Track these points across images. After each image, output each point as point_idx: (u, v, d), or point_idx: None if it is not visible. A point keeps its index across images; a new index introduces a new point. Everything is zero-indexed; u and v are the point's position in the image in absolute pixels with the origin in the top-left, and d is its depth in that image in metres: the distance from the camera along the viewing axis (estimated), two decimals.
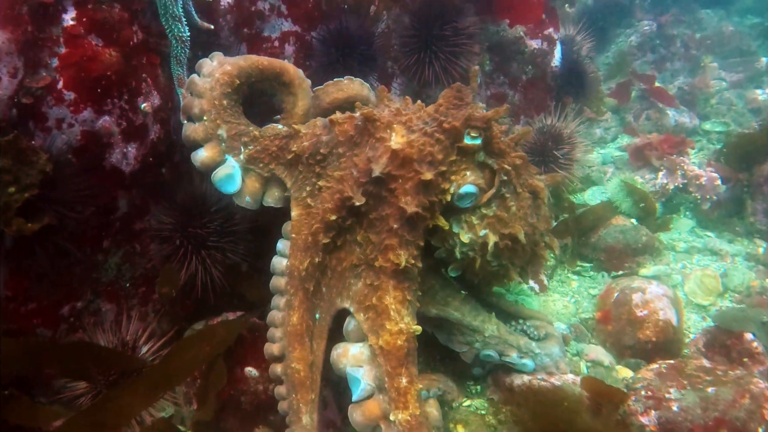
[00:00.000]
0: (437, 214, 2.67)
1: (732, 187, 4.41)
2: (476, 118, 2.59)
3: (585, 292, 3.87)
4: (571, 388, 3.04)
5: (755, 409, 2.89)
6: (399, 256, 2.58)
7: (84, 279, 2.87)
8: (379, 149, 2.61)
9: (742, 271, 3.97)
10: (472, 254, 2.74)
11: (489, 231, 2.69)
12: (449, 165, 2.62)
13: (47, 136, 2.58)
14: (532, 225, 2.78)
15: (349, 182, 2.63)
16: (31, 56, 2.53)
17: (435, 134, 2.59)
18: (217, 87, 2.83)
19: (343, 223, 2.67)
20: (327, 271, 2.74)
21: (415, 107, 2.78)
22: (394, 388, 2.45)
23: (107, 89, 2.64)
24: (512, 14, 3.85)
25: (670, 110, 5.26)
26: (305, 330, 2.66)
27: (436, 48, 3.68)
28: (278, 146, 2.84)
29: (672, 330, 3.41)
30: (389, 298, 2.59)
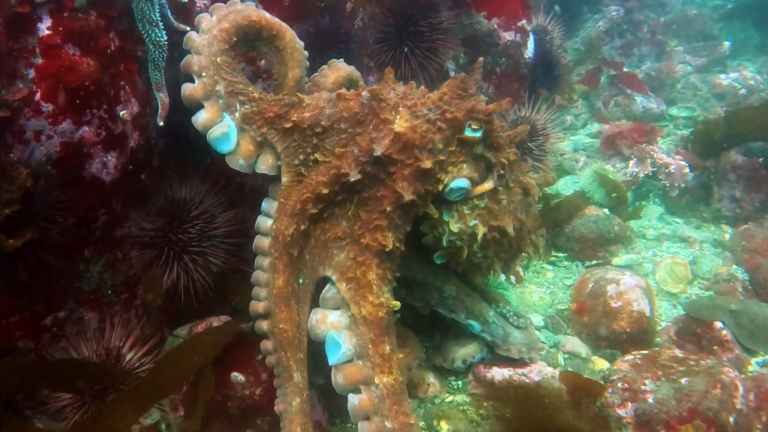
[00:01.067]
0: (428, 202, 2.70)
1: (699, 175, 4.52)
2: (479, 111, 2.60)
3: (560, 283, 3.95)
4: (550, 383, 3.13)
5: (726, 399, 3.01)
6: (387, 238, 2.62)
7: (66, 289, 2.84)
8: (383, 130, 2.61)
9: (710, 258, 4.09)
10: (460, 243, 2.77)
11: (479, 222, 2.72)
12: (448, 155, 2.64)
13: (25, 149, 2.53)
14: (521, 221, 2.82)
15: (348, 159, 2.63)
16: (6, 68, 2.46)
17: (437, 122, 2.60)
18: (215, 44, 2.78)
19: (334, 197, 2.68)
20: (311, 240, 2.75)
21: (420, 92, 2.75)
22: (379, 355, 2.54)
23: (86, 100, 2.59)
24: (490, 7, 3.85)
25: (639, 96, 5.34)
26: (291, 293, 2.70)
27: (412, 44, 3.68)
28: (276, 113, 2.77)
29: (645, 320, 3.52)
30: (372, 275, 2.64)
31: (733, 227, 4.39)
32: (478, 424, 3.06)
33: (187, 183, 3.15)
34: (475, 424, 3.06)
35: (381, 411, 2.47)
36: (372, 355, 2.54)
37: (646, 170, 4.48)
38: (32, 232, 2.49)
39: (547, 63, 4.46)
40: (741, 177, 4.35)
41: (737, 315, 3.56)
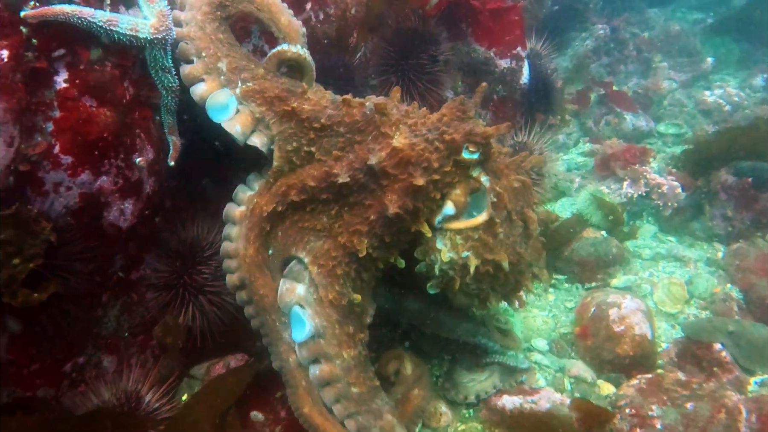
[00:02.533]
0: (421, 220, 2.68)
1: (691, 194, 4.62)
2: (476, 134, 2.61)
3: (561, 306, 4.02)
4: (560, 410, 3.19)
5: (731, 424, 3.09)
6: (362, 243, 2.65)
7: (85, 335, 2.86)
8: (381, 143, 2.65)
9: (705, 278, 4.18)
10: (452, 273, 2.71)
11: (471, 254, 2.65)
12: (443, 175, 2.64)
13: (45, 201, 2.54)
14: (519, 254, 2.74)
15: (342, 163, 2.67)
16: (26, 122, 2.47)
17: (435, 142, 2.63)
18: (207, 24, 2.85)
19: (319, 194, 2.71)
20: (286, 221, 2.79)
21: (421, 113, 2.80)
22: (345, 333, 2.73)
23: (104, 150, 2.61)
24: (491, 38, 3.92)
25: (628, 115, 5.44)
26: (262, 261, 2.79)
27: (414, 77, 3.73)
28: (276, 94, 2.80)
29: (647, 344, 3.59)
30: (340, 270, 2.71)
31: (726, 245, 4.50)
32: None
33: (198, 221, 3.18)
34: None
35: (347, 380, 2.70)
36: (338, 334, 2.71)
37: (639, 191, 4.58)
38: (56, 285, 2.51)
39: (541, 87, 4.53)
40: (731, 196, 4.46)
41: (735, 336, 3.66)
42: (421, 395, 3.14)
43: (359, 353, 2.77)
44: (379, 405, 2.80)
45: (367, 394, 2.76)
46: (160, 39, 2.73)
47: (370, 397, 2.78)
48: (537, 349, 3.69)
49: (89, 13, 2.51)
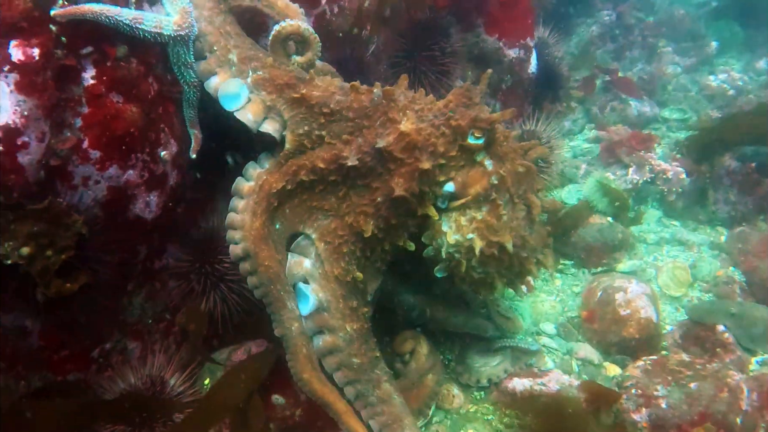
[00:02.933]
0: (428, 203, 2.79)
1: (695, 179, 4.71)
2: (481, 119, 2.71)
3: (569, 290, 4.13)
4: (568, 392, 3.31)
5: (733, 401, 3.21)
6: (368, 224, 2.77)
7: (111, 321, 2.97)
8: (389, 128, 2.74)
9: (708, 261, 4.29)
10: (458, 257, 2.80)
11: (476, 236, 2.74)
12: (448, 159, 2.74)
13: (74, 193, 2.64)
14: (523, 238, 2.82)
15: (352, 146, 2.77)
16: (55, 118, 2.56)
17: (441, 127, 2.72)
18: (215, 18, 2.94)
19: (328, 175, 2.80)
20: (294, 199, 2.89)
21: (428, 99, 2.88)
22: (348, 308, 2.88)
23: (131, 145, 2.70)
24: (501, 29, 3.99)
25: (633, 101, 5.52)
26: (268, 234, 2.86)
27: (425, 68, 3.80)
28: (286, 82, 2.87)
29: (653, 326, 3.71)
30: (346, 249, 2.83)
31: (728, 229, 4.60)
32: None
33: (218, 212, 3.27)
34: None
35: (348, 351, 2.86)
36: (342, 308, 2.86)
37: (645, 177, 4.67)
38: (86, 275, 2.61)
39: (548, 76, 4.61)
40: (735, 181, 4.55)
41: (737, 318, 3.77)
42: (435, 380, 3.27)
43: (362, 326, 2.91)
44: (378, 374, 2.95)
45: (367, 365, 2.91)
46: (183, 35, 2.80)
47: (371, 368, 2.93)
48: (545, 332, 3.80)
49: (116, 11, 2.59)
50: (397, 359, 3.38)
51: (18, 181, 2.50)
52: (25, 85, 2.46)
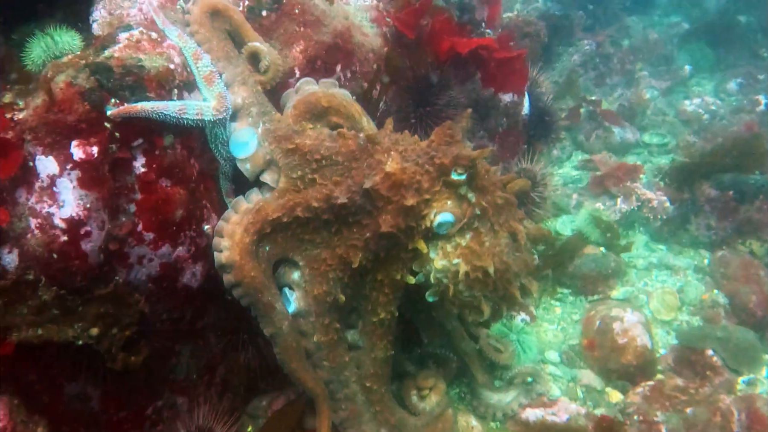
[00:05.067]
0: (417, 238, 2.98)
1: (678, 206, 5.03)
2: (463, 157, 2.88)
3: (568, 318, 4.42)
4: (577, 421, 3.59)
5: (725, 425, 3.53)
6: (356, 256, 2.98)
7: (162, 381, 3.19)
8: (375, 169, 2.94)
9: (694, 285, 4.61)
10: (446, 281, 3.00)
11: (461, 260, 2.94)
12: (433, 194, 2.92)
13: (130, 271, 2.86)
14: (506, 264, 3.00)
15: (342, 186, 2.97)
16: (112, 206, 2.77)
17: (425, 165, 2.91)
18: (249, 78, 3.20)
19: (321, 213, 2.99)
20: (288, 231, 3.06)
21: (412, 140, 3.09)
22: (320, 323, 3.12)
23: (180, 225, 2.92)
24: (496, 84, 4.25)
25: (615, 128, 5.82)
26: (255, 251, 3.00)
27: (430, 121, 4.05)
28: (283, 134, 3.11)
29: (648, 353, 4.01)
30: (333, 275, 3.06)
31: (710, 252, 4.93)
32: None
33: None
34: None
35: (318, 355, 3.15)
36: (314, 321, 3.10)
37: (632, 205, 4.98)
38: (148, 347, 2.84)
39: (540, 116, 4.88)
40: (714, 208, 4.88)
41: (723, 341, 4.09)
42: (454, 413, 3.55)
43: (330, 339, 3.14)
44: (347, 376, 3.22)
45: (336, 368, 3.19)
46: (222, 119, 3.02)
47: (339, 370, 3.20)
48: (550, 361, 4.09)
49: (163, 106, 2.80)
50: (415, 393, 3.61)
51: (82, 267, 2.72)
52: (86, 181, 2.68)
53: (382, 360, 3.27)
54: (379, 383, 3.28)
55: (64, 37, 3.04)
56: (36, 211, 2.66)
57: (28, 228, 2.65)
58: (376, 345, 3.24)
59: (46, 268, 2.67)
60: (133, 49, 2.88)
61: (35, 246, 2.65)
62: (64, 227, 2.66)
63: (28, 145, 2.69)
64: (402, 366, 3.64)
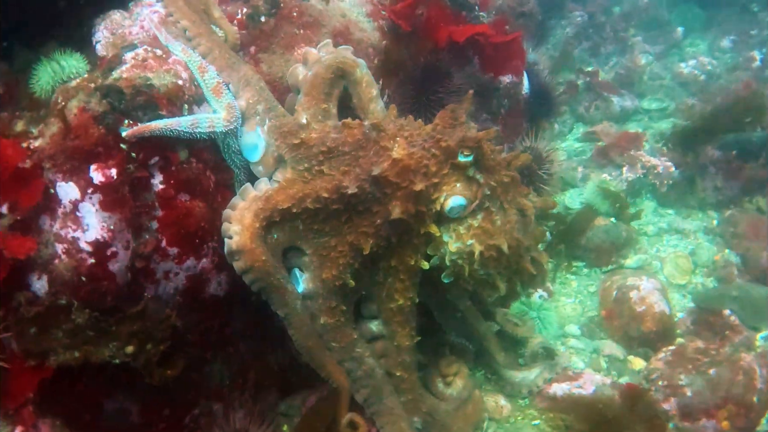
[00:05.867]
0: (428, 222, 2.98)
1: (683, 170, 5.05)
2: (469, 139, 2.88)
3: (585, 291, 4.46)
4: (604, 391, 3.64)
5: (749, 383, 3.57)
6: (367, 243, 2.97)
7: (197, 390, 3.24)
8: (382, 156, 2.93)
9: (705, 247, 4.65)
10: (461, 262, 3.01)
11: (475, 241, 2.96)
12: (441, 177, 2.92)
13: (157, 287, 2.90)
14: (517, 240, 3.03)
15: (350, 176, 2.96)
16: (135, 225, 2.81)
17: (432, 149, 2.90)
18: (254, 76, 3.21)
19: (331, 204, 2.97)
20: (297, 220, 3.03)
21: (416, 125, 3.09)
22: (327, 306, 3.09)
23: (202, 237, 2.95)
24: (496, 69, 4.25)
25: (614, 98, 5.83)
26: (264, 237, 2.97)
27: (434, 109, 4.05)
28: (289, 129, 3.12)
29: (667, 318, 4.06)
30: (342, 261, 3.03)
31: (718, 212, 4.95)
32: None
33: None
34: None
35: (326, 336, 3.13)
36: (321, 303, 3.08)
37: (637, 173, 5.00)
38: (183, 359, 2.88)
39: (540, 94, 4.88)
40: (719, 169, 4.91)
41: (739, 300, 4.13)
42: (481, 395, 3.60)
43: (336, 321, 3.11)
44: (359, 352, 3.19)
45: (346, 347, 3.16)
46: (233, 129, 3.04)
47: (350, 349, 3.18)
48: (571, 334, 4.14)
49: (176, 123, 2.82)
50: (440, 380, 3.64)
51: (111, 287, 2.76)
52: (108, 203, 2.71)
53: (408, 348, 3.27)
54: (407, 371, 3.29)
55: (70, 61, 3.05)
56: (61, 236, 2.69)
57: (55, 254, 2.69)
58: (397, 332, 3.23)
59: (76, 292, 2.71)
60: (140, 68, 2.89)
61: (64, 270, 2.69)
62: (91, 250, 2.70)
63: (48, 172, 2.72)
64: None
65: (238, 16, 3.50)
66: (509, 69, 4.33)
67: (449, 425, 3.43)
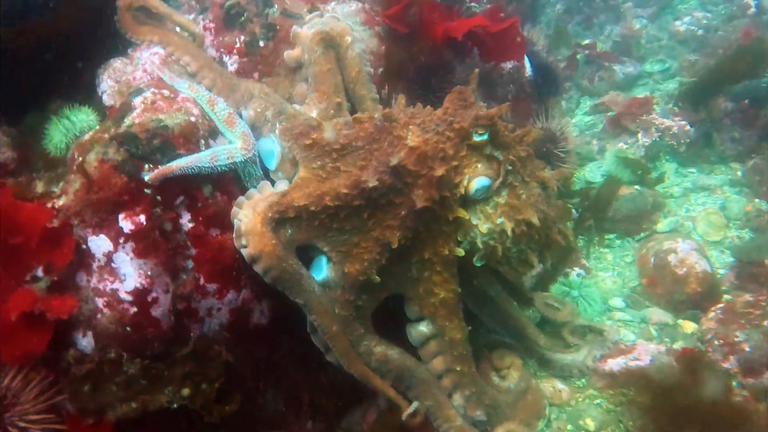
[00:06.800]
0: (455, 207, 2.89)
1: (698, 127, 4.96)
2: (482, 117, 2.80)
3: (621, 262, 4.38)
4: (660, 359, 3.55)
5: None
6: (394, 236, 2.87)
7: (256, 420, 3.19)
8: (398, 146, 2.85)
9: (735, 200, 4.55)
10: (493, 243, 2.94)
11: (505, 219, 2.89)
12: (460, 159, 2.84)
13: (202, 325, 2.85)
14: (544, 212, 2.98)
15: (368, 170, 2.87)
16: (171, 267, 2.76)
17: (446, 132, 2.82)
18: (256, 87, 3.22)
19: (352, 200, 2.86)
20: (315, 219, 2.91)
21: (427, 111, 2.99)
22: (344, 299, 2.95)
23: (239, 269, 2.90)
24: (496, 56, 4.20)
25: (616, 66, 5.75)
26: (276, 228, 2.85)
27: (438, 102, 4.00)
28: (300, 131, 3.06)
29: (710, 277, 3.96)
30: (368, 255, 2.92)
31: (741, 163, 4.86)
32: (616, 412, 3.47)
33: None
34: (614, 414, 3.47)
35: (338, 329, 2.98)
36: (339, 295, 2.94)
37: (653, 137, 4.92)
38: (239, 393, 2.83)
39: (543, 73, 4.82)
40: (734, 120, 4.81)
41: None
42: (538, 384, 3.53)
43: (348, 314, 2.98)
44: (367, 344, 3.07)
45: (352, 341, 3.03)
46: (251, 157, 3.00)
47: (357, 343, 3.05)
48: (616, 308, 4.05)
49: (196, 159, 2.78)
50: (494, 375, 3.57)
51: (157, 333, 2.72)
52: (141, 250, 2.67)
53: (460, 340, 3.15)
54: (465, 364, 3.18)
55: (79, 116, 3.04)
56: (100, 290, 2.66)
57: (96, 308, 2.66)
58: (446, 327, 3.12)
59: (123, 343, 2.67)
60: (151, 112, 2.86)
61: (108, 324, 2.65)
62: (131, 299, 2.66)
63: (77, 228, 2.69)
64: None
65: (237, 44, 3.47)
66: (510, 55, 4.27)
67: (512, 417, 3.36)
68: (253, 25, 3.52)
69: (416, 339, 3.15)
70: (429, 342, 3.14)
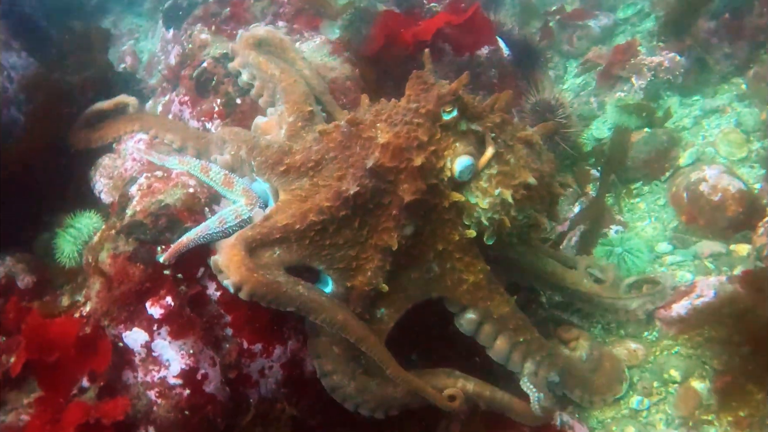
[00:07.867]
0: (447, 192, 2.76)
1: (688, 54, 4.82)
2: (445, 94, 2.69)
3: (655, 206, 4.21)
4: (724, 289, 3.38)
5: None
6: (392, 238, 2.73)
7: None
8: (370, 147, 2.74)
9: (747, 113, 4.38)
10: (498, 216, 2.80)
11: (502, 188, 2.77)
12: (437, 143, 2.72)
13: (258, 388, 2.76)
14: (538, 170, 2.87)
15: (347, 179, 2.76)
16: (212, 339, 2.69)
17: (414, 120, 2.70)
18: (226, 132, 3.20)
19: (336, 213, 2.74)
20: (305, 239, 2.76)
21: (391, 104, 2.88)
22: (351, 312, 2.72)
23: (279, 323, 2.81)
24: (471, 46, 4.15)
25: (590, 22, 5.64)
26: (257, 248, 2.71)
27: None
28: (275, 160, 2.99)
29: (748, 195, 3.79)
30: (370, 265, 2.79)
31: (741, 76, 4.69)
32: (697, 355, 3.30)
33: None
34: (695, 358, 3.30)
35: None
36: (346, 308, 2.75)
37: (647, 78, 4.78)
38: None
39: (522, 50, 4.75)
40: (722, 36, 4.66)
41: None
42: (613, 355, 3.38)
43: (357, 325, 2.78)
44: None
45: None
46: (258, 209, 2.93)
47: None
48: (664, 252, 3.88)
49: (205, 228, 2.72)
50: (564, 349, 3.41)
51: (216, 409, 2.63)
52: (177, 331, 2.60)
53: (510, 312, 2.98)
54: (527, 332, 3.02)
55: (83, 221, 3.03)
56: (149, 382, 2.59)
57: (150, 401, 2.58)
58: (489, 306, 2.95)
59: (186, 428, 2.59)
60: (149, 196, 2.82)
61: (165, 413, 2.58)
62: (181, 382, 2.59)
63: (109, 329, 2.63)
64: None
65: (216, 109, 3.44)
66: (482, 41, 4.21)
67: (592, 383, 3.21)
68: (225, 86, 3.49)
69: (468, 329, 2.99)
70: (482, 327, 2.97)
